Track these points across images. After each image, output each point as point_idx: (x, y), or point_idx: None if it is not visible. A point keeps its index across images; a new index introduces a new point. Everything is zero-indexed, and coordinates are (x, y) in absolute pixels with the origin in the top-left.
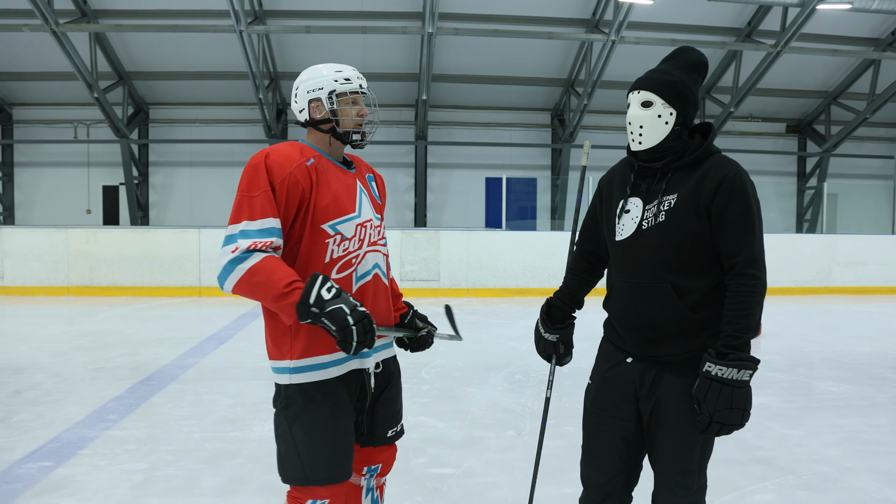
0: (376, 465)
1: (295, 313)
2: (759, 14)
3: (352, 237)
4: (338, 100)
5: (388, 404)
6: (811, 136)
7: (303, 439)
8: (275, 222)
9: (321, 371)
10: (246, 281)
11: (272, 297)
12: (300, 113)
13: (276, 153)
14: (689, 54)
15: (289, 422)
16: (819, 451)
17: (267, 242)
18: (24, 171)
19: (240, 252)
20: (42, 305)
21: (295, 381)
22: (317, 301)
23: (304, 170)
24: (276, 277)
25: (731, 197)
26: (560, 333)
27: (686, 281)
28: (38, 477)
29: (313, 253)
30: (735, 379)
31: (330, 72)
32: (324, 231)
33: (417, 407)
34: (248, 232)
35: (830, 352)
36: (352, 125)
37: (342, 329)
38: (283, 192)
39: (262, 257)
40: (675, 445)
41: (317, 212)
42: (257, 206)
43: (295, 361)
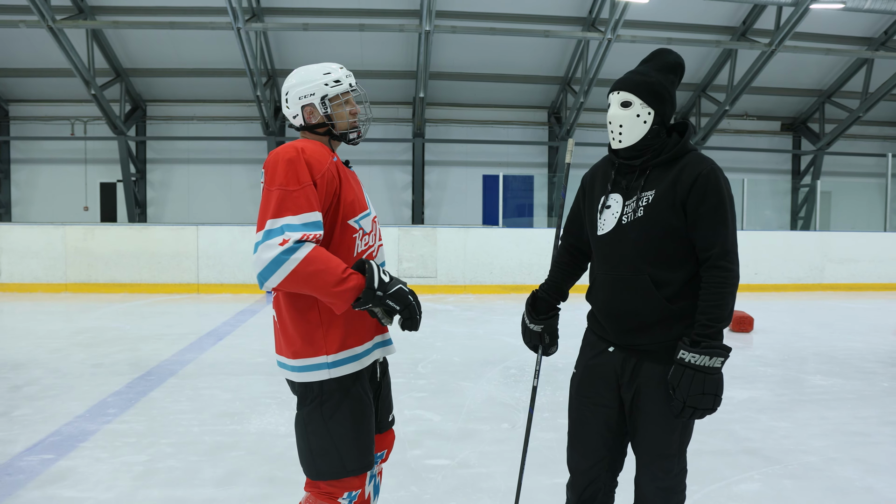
0: (381, 452)
1: (352, 298)
2: (754, 13)
3: (370, 232)
4: (331, 103)
5: (387, 391)
6: (805, 135)
7: (340, 433)
8: (318, 216)
9: (357, 362)
10: (301, 271)
11: (331, 284)
12: (294, 118)
13: (309, 149)
14: (667, 56)
15: (325, 418)
16: (806, 442)
17: (315, 234)
18: (21, 168)
19: (292, 243)
20: (40, 302)
21: (334, 375)
22: (381, 285)
23: (335, 166)
24: (332, 264)
25: (706, 193)
26: (545, 324)
27: (664, 273)
28: (39, 469)
29: (342, 247)
30: (707, 366)
31: (319, 75)
32: (351, 226)
33: (414, 401)
34: (291, 226)
35: (821, 347)
36: (347, 126)
37: (407, 306)
38: (322, 186)
39: (314, 247)
40: (655, 431)
41: (345, 207)
42: (302, 199)
43: (333, 355)
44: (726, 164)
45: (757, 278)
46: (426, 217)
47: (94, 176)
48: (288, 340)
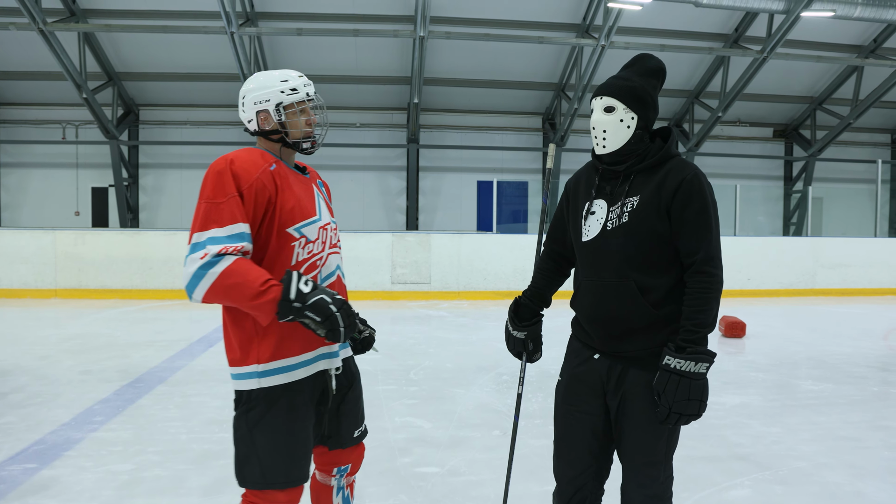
0: (346, 465)
1: (273, 311)
2: (746, 20)
3: (315, 240)
4: (286, 111)
5: (352, 405)
6: (797, 141)
7: (262, 443)
8: (244, 227)
9: (289, 373)
10: (220, 284)
11: (249, 297)
12: (248, 123)
13: (240, 159)
14: (649, 61)
15: (249, 426)
16: (796, 448)
17: (237, 247)
18: (12, 172)
19: (210, 257)
20: (29, 308)
21: (263, 385)
22: (298, 296)
23: (269, 174)
24: (250, 277)
25: (690, 198)
26: (528, 330)
27: (649, 279)
28: (21, 479)
29: (280, 256)
30: (692, 371)
31: (276, 82)
32: (289, 234)
33: (404, 408)
34: (217, 238)
35: (812, 352)
36: (301, 135)
37: (328, 318)
38: (250, 197)
39: (234, 260)
40: (641, 438)
41: (283, 215)
42: (225, 212)
43: (263, 365)
44: (719, 170)
45: (749, 284)
46: (421, 223)
47: (86, 181)
48: (229, 347)
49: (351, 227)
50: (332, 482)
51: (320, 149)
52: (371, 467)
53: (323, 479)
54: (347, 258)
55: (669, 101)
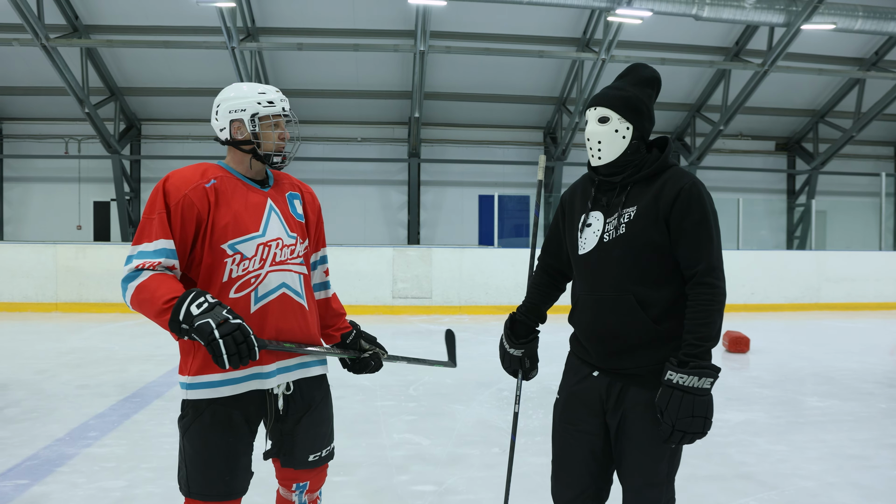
0: (304, 483)
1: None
2: (747, 34)
3: (252, 257)
4: (260, 123)
5: (309, 428)
6: (800, 154)
7: (190, 453)
8: (167, 243)
9: (213, 389)
10: (136, 298)
11: (154, 314)
12: (221, 132)
13: (175, 176)
14: (643, 70)
15: (181, 432)
16: (802, 467)
17: (156, 262)
18: (14, 187)
19: (129, 271)
20: (29, 322)
21: (189, 397)
22: (186, 317)
23: (202, 191)
24: (157, 294)
25: (689, 208)
26: (525, 348)
27: (649, 292)
28: (12, 495)
29: (213, 273)
30: (696, 387)
31: (253, 93)
32: (223, 251)
33: (403, 424)
34: (144, 253)
35: (817, 367)
36: (273, 148)
37: (209, 343)
38: (178, 213)
39: (150, 275)
40: (641, 458)
41: (215, 232)
42: (153, 228)
43: (190, 378)
44: (721, 183)
45: (753, 298)
46: (422, 237)
47: (88, 195)
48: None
49: (352, 241)
50: (294, 497)
51: (322, 163)
52: (367, 485)
53: (285, 494)
54: (348, 273)
55: (671, 115)
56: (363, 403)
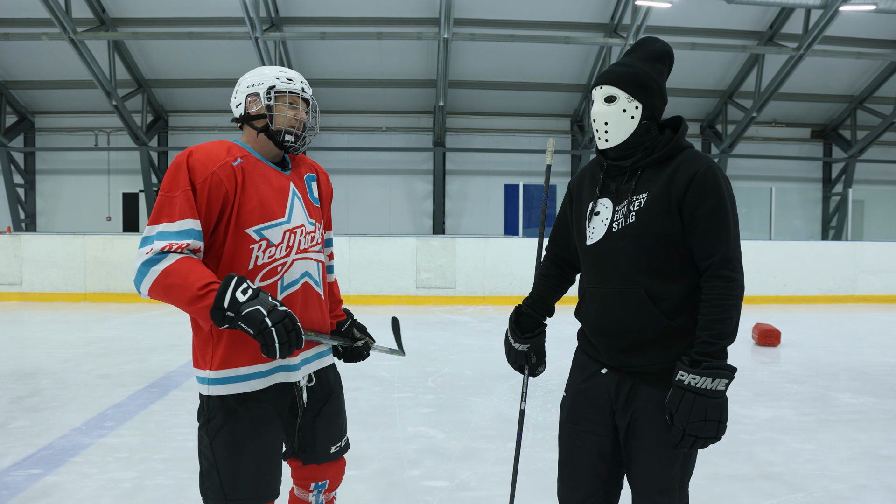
0: (323, 482)
1: (210, 317)
2: (781, 17)
3: (279, 244)
4: (276, 96)
5: (329, 419)
6: (837, 142)
7: (223, 457)
8: (193, 223)
9: (241, 383)
10: (160, 283)
11: (187, 301)
12: (237, 108)
13: (199, 151)
14: (652, 44)
15: (210, 437)
16: (832, 467)
17: (183, 244)
18: (46, 179)
19: (153, 254)
20: (58, 312)
21: (214, 393)
22: (231, 304)
23: (230, 169)
24: (190, 279)
25: (703, 194)
26: (531, 343)
27: (660, 285)
28: (24, 485)
29: (237, 259)
30: (709, 389)
31: (274, 71)
32: (248, 236)
33: (418, 417)
34: (165, 234)
35: (852, 362)
36: (285, 124)
37: (261, 332)
38: (204, 192)
39: (177, 258)
40: (652, 462)
41: (241, 215)
42: (177, 206)
43: (214, 372)
44: (754, 172)
45: (785, 290)
46: (447, 227)
47: (117, 186)
48: (193, 348)
49: (377, 231)
50: (310, 498)
51: (347, 153)
52: (378, 480)
53: (300, 494)
54: (371, 263)
55: (701, 102)
56: (380, 395)
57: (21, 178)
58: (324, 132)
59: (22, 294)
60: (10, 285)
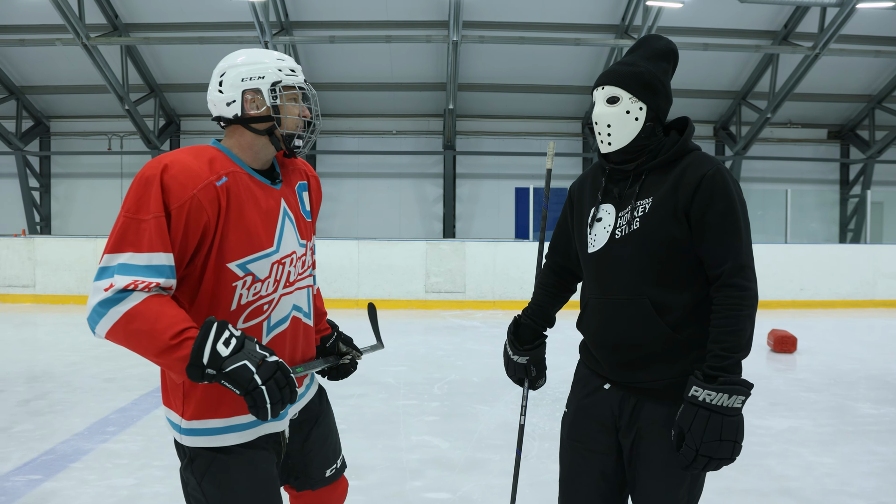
0: None
1: (184, 371)
2: (796, 15)
3: (265, 278)
4: (284, 93)
5: (320, 443)
6: (854, 142)
7: (216, 496)
8: (166, 258)
9: (218, 436)
10: (121, 328)
11: (156, 351)
12: (229, 105)
13: (176, 166)
14: (656, 42)
15: (197, 478)
16: (852, 482)
17: (151, 283)
18: (61, 182)
19: (113, 291)
20: (70, 314)
21: (186, 444)
22: (212, 360)
23: (213, 192)
24: (160, 325)
25: (712, 198)
26: (530, 355)
27: (666, 295)
28: (23, 490)
29: (217, 297)
30: (725, 406)
31: (272, 59)
32: (231, 272)
33: (423, 425)
34: (129, 266)
35: (871, 370)
36: (295, 126)
37: (249, 393)
38: (181, 219)
39: (143, 298)
40: (658, 483)
41: (224, 247)
42: (145, 235)
43: (187, 422)
44: (769, 174)
45: (802, 294)
46: (458, 230)
47: None
48: (161, 380)
49: (387, 235)
50: None
51: (357, 157)
52: (377, 491)
53: None
54: (381, 267)
55: (714, 103)
56: (385, 402)
57: (36, 182)
58: (333, 136)
59: (35, 296)
60: (24, 287)
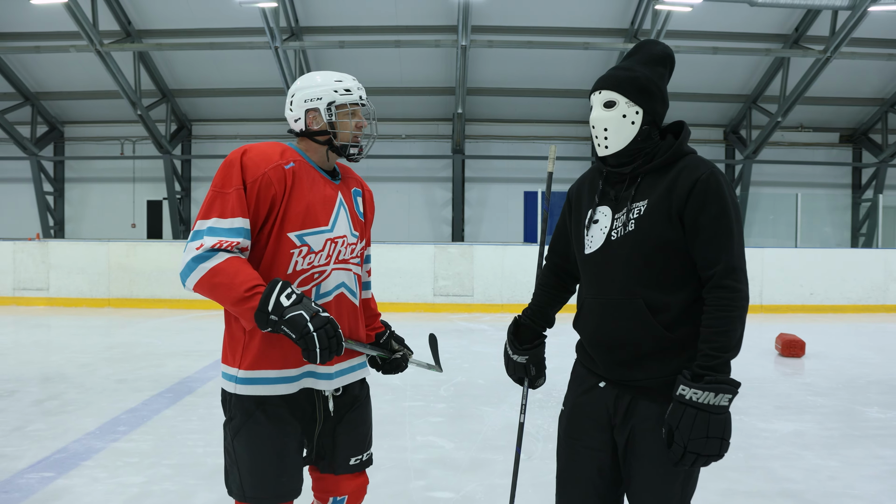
0: (342, 497)
1: (254, 319)
2: (807, 19)
3: (319, 251)
4: (337, 111)
5: (351, 427)
6: (867, 146)
7: (243, 456)
8: (244, 222)
9: (268, 386)
10: (207, 281)
11: (232, 301)
12: (296, 122)
13: (253, 151)
14: (653, 47)
15: (231, 435)
16: (855, 486)
17: (233, 242)
18: (74, 187)
19: (204, 250)
20: (83, 317)
21: (239, 392)
22: (276, 308)
23: (281, 172)
24: (238, 280)
25: (706, 200)
26: (530, 354)
27: (660, 296)
28: (36, 487)
29: (276, 261)
30: (712, 404)
31: (329, 81)
32: (290, 240)
33: (428, 426)
34: (216, 230)
35: (880, 374)
36: (350, 139)
37: (303, 336)
38: (254, 191)
39: (227, 257)
40: (652, 479)
41: (286, 219)
42: (229, 203)
43: (243, 371)
44: (780, 178)
45: (812, 299)
46: (466, 234)
47: (142, 194)
48: (223, 344)
49: (396, 238)
50: None
51: (366, 160)
52: (382, 489)
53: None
54: (389, 270)
55: (725, 107)
56: (391, 403)
57: (50, 186)
58: None
59: (49, 299)
60: (38, 290)
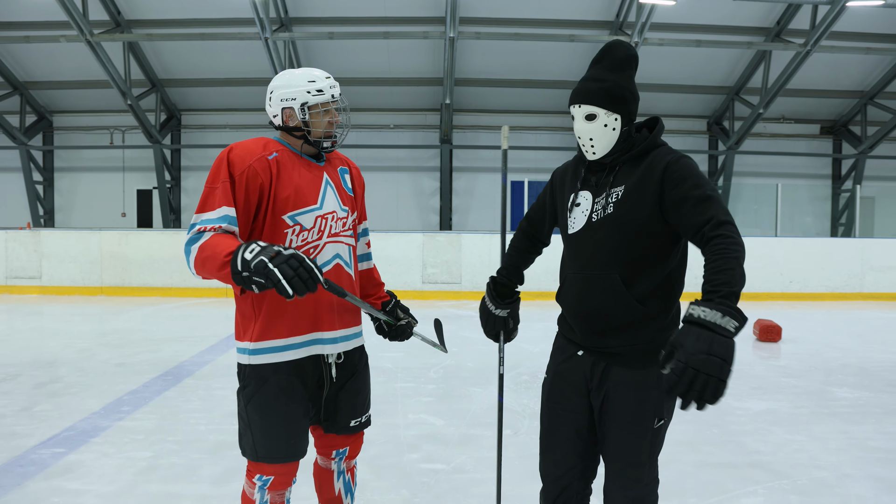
0: (343, 448)
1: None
2: (788, 12)
3: (311, 228)
4: (310, 111)
5: (351, 394)
6: (846, 138)
7: (255, 420)
8: (228, 210)
9: (276, 354)
10: (199, 258)
11: (217, 269)
12: (274, 118)
13: (239, 147)
14: (617, 51)
15: (245, 401)
16: (820, 457)
17: (216, 226)
18: (64, 176)
19: (193, 234)
20: (76, 304)
21: (252, 362)
22: (243, 265)
23: (265, 162)
24: (218, 249)
25: (680, 178)
26: (511, 308)
27: (635, 272)
28: (49, 462)
29: (273, 241)
30: (717, 324)
31: (303, 82)
32: (283, 221)
33: (419, 405)
34: (206, 219)
35: (852, 358)
36: (322, 134)
37: (267, 276)
38: (242, 182)
39: (210, 235)
40: (623, 437)
41: (277, 203)
42: (217, 196)
43: (253, 343)
44: (762, 169)
45: (791, 287)
46: (454, 223)
47: (132, 183)
48: (235, 323)
49: (385, 227)
50: (333, 466)
51: (355, 150)
52: (377, 462)
53: (324, 463)
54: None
55: (708, 99)
56: (383, 385)
57: (40, 176)
58: None
59: (41, 287)
60: (31, 279)
